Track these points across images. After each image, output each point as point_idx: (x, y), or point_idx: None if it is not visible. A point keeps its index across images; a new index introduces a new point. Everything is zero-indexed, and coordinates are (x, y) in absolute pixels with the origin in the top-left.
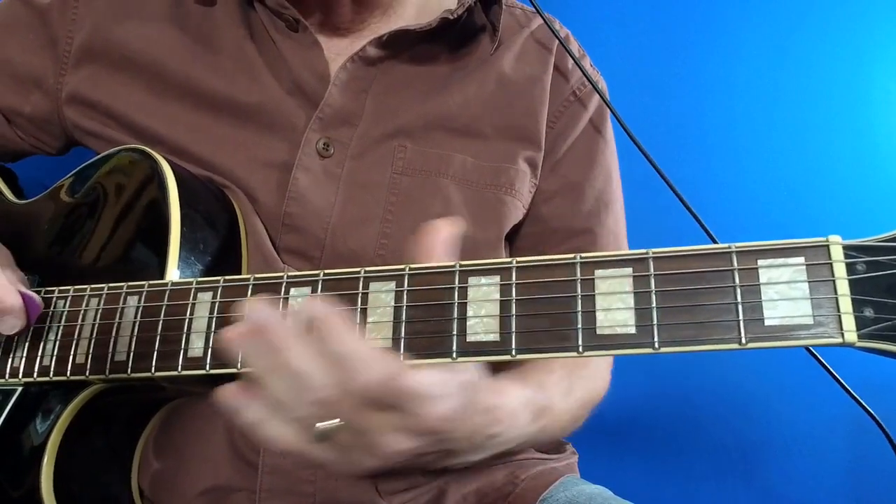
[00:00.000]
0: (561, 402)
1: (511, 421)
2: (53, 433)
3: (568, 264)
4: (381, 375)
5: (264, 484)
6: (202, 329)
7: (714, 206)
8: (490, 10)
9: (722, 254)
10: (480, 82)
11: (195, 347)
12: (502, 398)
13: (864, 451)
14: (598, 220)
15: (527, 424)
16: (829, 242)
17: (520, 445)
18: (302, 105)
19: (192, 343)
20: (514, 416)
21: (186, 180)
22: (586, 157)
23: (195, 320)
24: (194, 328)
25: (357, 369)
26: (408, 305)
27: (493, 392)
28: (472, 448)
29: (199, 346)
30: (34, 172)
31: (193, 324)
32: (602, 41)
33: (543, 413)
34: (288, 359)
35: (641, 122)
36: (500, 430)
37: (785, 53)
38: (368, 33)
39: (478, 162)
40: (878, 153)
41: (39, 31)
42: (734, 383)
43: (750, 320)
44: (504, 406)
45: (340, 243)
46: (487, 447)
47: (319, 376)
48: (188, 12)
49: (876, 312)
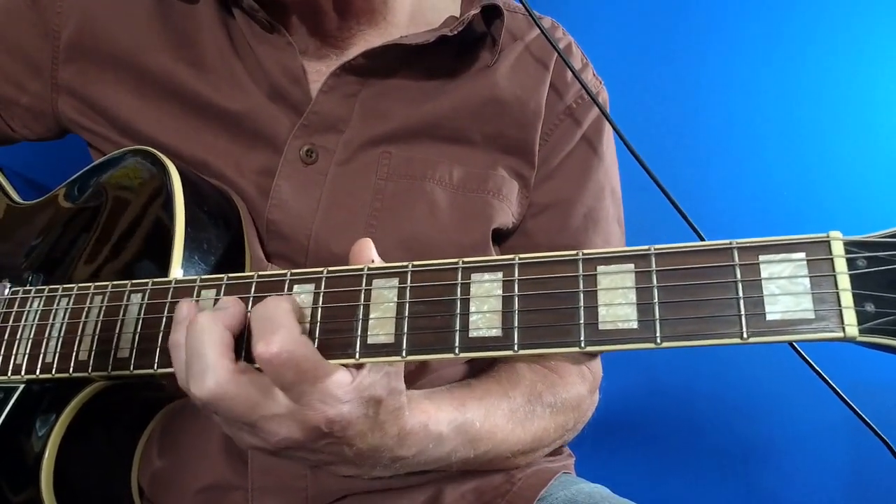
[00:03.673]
0: (511, 429)
1: (430, 445)
2: (55, 431)
3: (570, 261)
4: (294, 355)
5: (256, 482)
6: None
7: (714, 206)
8: (492, 23)
9: (723, 249)
10: (473, 92)
11: None
12: (422, 423)
13: (862, 452)
14: (584, 236)
15: (455, 449)
16: (829, 238)
17: (451, 467)
18: (284, 111)
19: None
20: (437, 441)
21: (192, 180)
22: (577, 173)
23: None
24: None
25: (272, 335)
26: (410, 302)
27: (411, 416)
28: (376, 464)
29: None
30: (34, 172)
31: None
32: (601, 40)
33: (481, 440)
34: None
35: (639, 123)
36: (410, 453)
37: (785, 53)
38: (360, 42)
39: (465, 168)
40: (877, 151)
41: (36, 21)
42: (733, 383)
43: (751, 315)
44: (420, 431)
45: (324, 249)
46: (397, 467)
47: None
48: (172, 9)
49: (877, 307)
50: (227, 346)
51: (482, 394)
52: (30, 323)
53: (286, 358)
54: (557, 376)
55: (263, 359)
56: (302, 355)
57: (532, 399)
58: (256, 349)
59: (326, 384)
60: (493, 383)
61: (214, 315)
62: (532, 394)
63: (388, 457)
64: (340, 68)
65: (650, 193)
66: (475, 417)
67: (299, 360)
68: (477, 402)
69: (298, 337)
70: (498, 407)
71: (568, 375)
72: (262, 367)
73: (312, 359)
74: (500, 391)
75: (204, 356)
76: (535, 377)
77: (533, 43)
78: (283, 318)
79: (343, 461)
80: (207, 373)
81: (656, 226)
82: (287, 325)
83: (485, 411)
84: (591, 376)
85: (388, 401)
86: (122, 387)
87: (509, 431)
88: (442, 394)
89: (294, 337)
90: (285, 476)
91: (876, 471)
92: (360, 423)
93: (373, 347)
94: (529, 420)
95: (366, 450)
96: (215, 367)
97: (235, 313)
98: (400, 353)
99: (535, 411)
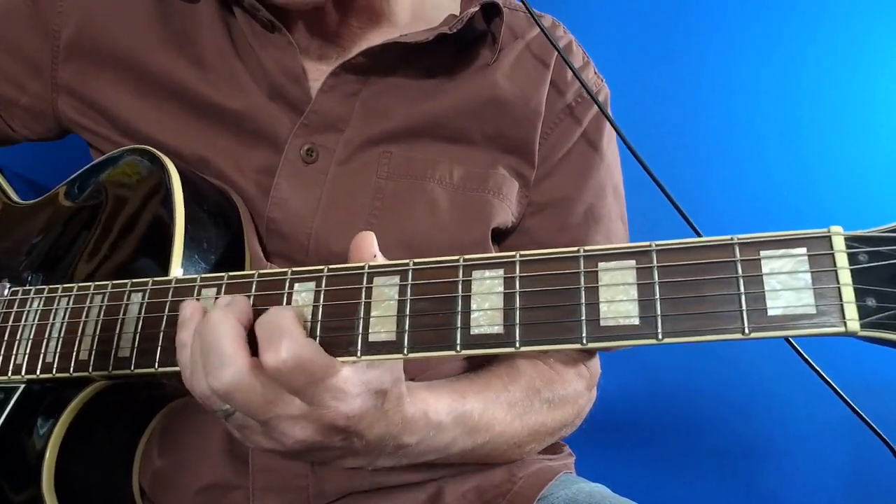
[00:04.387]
0: (509, 422)
1: (431, 433)
2: (55, 431)
3: (571, 257)
4: (302, 359)
5: (257, 482)
6: None
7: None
8: (492, 21)
9: (724, 245)
10: (473, 91)
11: None
12: (422, 410)
13: (862, 451)
14: (584, 234)
15: (455, 439)
16: (830, 233)
17: (450, 458)
18: (284, 110)
19: None
20: (437, 429)
21: (191, 179)
22: (577, 171)
23: None
24: None
25: (279, 342)
26: (412, 299)
27: (411, 403)
28: (381, 453)
29: None
30: (34, 172)
31: None
32: (601, 39)
33: (479, 431)
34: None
35: (639, 122)
36: (413, 440)
37: (785, 52)
38: (361, 41)
39: (465, 168)
40: (876, 150)
41: (35, 21)
42: (733, 382)
43: (753, 310)
44: (421, 419)
45: (324, 248)
46: (401, 455)
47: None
48: (172, 9)
49: (878, 302)
50: (242, 339)
51: (481, 387)
52: (30, 323)
53: (295, 364)
54: (555, 373)
55: (273, 366)
56: (309, 358)
57: (530, 394)
58: (265, 358)
59: (336, 381)
60: (493, 377)
61: (226, 309)
62: (530, 389)
63: (392, 445)
64: (340, 67)
65: (649, 191)
66: (474, 409)
67: (307, 363)
68: (476, 394)
69: (304, 341)
70: (497, 400)
71: (566, 372)
72: (272, 374)
73: (319, 360)
74: (499, 385)
75: (221, 349)
76: (533, 373)
77: (533, 41)
78: (288, 324)
79: (352, 453)
80: (225, 364)
81: (655, 224)
82: (292, 331)
83: (484, 403)
84: (588, 374)
85: (392, 390)
86: (123, 386)
87: (507, 424)
88: (441, 385)
89: (300, 342)
90: (286, 475)
91: (876, 470)
92: (369, 415)
93: (374, 345)
94: (527, 414)
95: (373, 440)
96: (233, 357)
97: (244, 308)
98: (401, 351)
99: (533, 406)
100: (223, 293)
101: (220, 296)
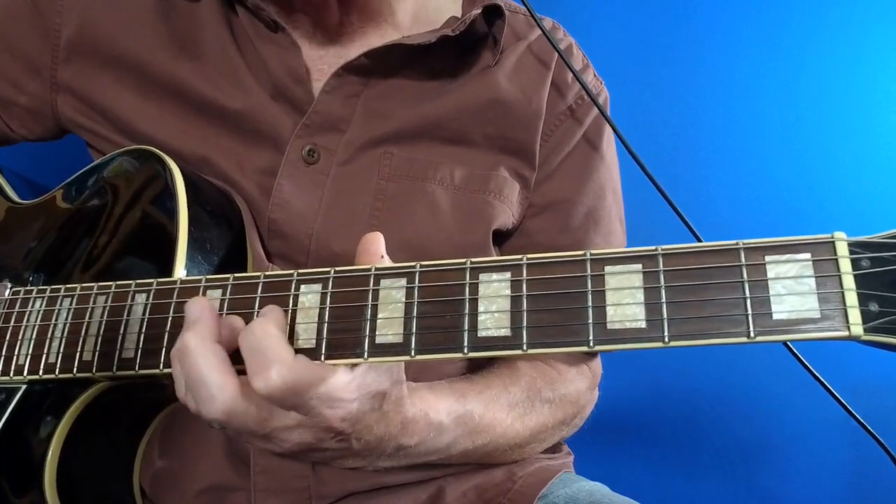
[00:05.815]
0: (510, 423)
1: (431, 434)
2: (58, 432)
3: (578, 261)
4: (293, 381)
5: (258, 483)
6: None
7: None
8: (494, 24)
9: (730, 250)
10: (475, 92)
11: None
12: (422, 411)
13: (861, 453)
14: (585, 236)
15: (455, 440)
16: (834, 239)
17: (451, 459)
18: (287, 111)
19: None
20: (438, 430)
21: (194, 180)
22: (578, 172)
23: None
24: None
25: (268, 369)
26: (419, 301)
27: (412, 405)
28: (381, 454)
29: None
30: (34, 173)
31: None
32: (601, 41)
33: (480, 432)
34: (196, 362)
35: (639, 123)
36: (413, 441)
37: (785, 53)
38: (362, 41)
39: (466, 169)
40: (878, 153)
41: (35, 21)
42: (733, 384)
43: (758, 314)
44: (422, 420)
45: (325, 249)
46: (401, 456)
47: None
48: (174, 8)
49: (881, 306)
50: (225, 363)
51: (482, 388)
52: (32, 323)
53: (285, 388)
54: (557, 372)
55: (265, 392)
56: (299, 378)
57: (531, 394)
58: (256, 384)
59: (328, 390)
60: (494, 378)
61: (198, 334)
62: (531, 389)
63: (392, 445)
64: (343, 68)
65: (649, 194)
66: (475, 409)
67: (298, 383)
68: (477, 394)
69: (292, 362)
70: (497, 400)
71: (567, 372)
72: (264, 397)
73: (308, 376)
74: (500, 385)
75: (207, 381)
76: (534, 373)
77: (534, 43)
78: (274, 346)
79: (351, 454)
80: (216, 396)
81: (655, 227)
82: (279, 353)
83: (484, 404)
84: (590, 373)
85: (392, 392)
86: (124, 387)
87: (508, 425)
88: (442, 386)
89: (288, 364)
90: (288, 476)
91: (875, 471)
92: (367, 418)
93: (381, 347)
94: (528, 415)
95: (372, 441)
96: (222, 388)
97: (213, 325)
98: (409, 353)
99: (534, 406)
100: (228, 294)
101: (225, 297)
